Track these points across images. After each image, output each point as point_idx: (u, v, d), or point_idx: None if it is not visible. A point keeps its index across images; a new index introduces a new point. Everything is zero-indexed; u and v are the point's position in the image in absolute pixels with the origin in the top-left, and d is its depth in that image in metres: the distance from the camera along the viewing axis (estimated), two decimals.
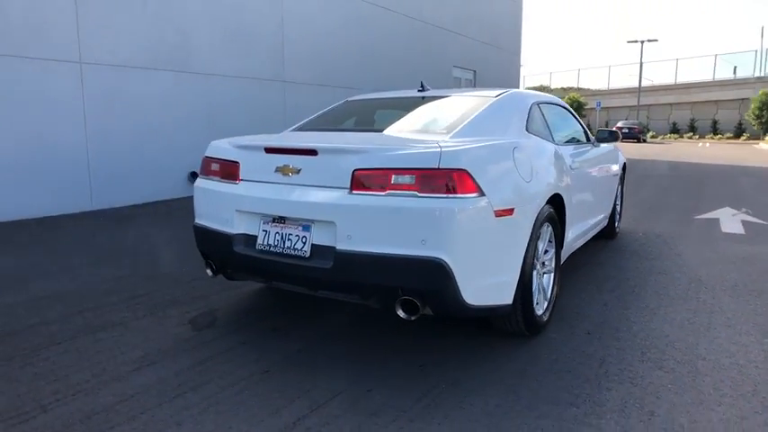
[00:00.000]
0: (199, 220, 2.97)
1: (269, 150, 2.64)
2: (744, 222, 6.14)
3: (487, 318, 2.73)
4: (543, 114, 3.47)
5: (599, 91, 40.69)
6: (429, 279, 2.23)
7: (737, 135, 35.70)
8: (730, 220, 6.27)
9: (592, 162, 3.97)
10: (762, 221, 6.20)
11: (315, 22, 10.15)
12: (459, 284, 2.24)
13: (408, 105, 3.46)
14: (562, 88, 43.24)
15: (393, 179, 2.28)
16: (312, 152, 2.49)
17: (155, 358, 2.60)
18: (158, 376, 2.40)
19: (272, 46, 9.32)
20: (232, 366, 2.51)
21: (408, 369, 2.47)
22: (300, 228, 2.49)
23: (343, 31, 10.90)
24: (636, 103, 38.24)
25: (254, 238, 2.64)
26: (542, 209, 2.71)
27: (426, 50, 13.65)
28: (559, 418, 2.03)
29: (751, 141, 32.22)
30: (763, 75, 35.56)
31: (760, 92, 33.79)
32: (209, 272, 2.99)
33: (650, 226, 5.93)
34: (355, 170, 2.37)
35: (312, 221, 2.47)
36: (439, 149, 2.27)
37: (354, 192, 2.36)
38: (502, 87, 3.62)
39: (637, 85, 38.19)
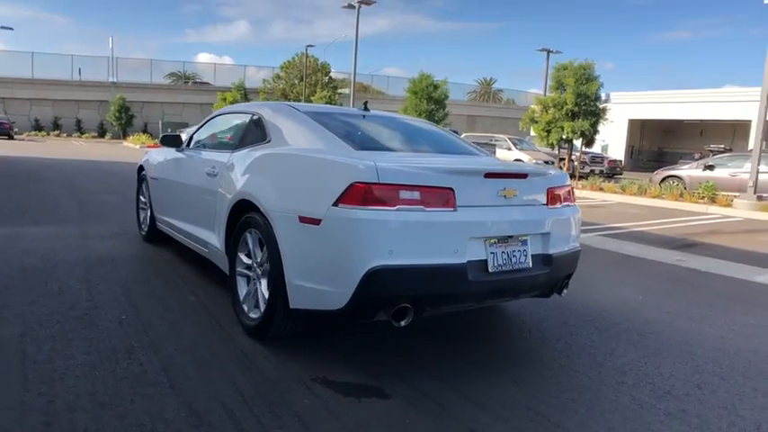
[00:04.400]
0: (384, 261, 2.43)
1: (489, 175, 2.72)
2: None
3: None
4: None
5: None
6: (576, 264, 3.25)
7: (101, 134, 37.96)
8: None
9: None
10: None
11: None
12: None
13: (396, 125, 3.80)
14: None
15: (563, 194, 3.13)
16: (523, 175, 2.88)
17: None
18: None
19: None
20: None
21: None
22: (520, 243, 2.82)
23: None
24: None
25: (483, 262, 2.67)
26: None
27: None
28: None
29: (115, 141, 35.24)
30: (116, 80, 39.05)
31: (117, 96, 37.17)
32: (395, 321, 2.55)
33: None
34: (549, 188, 3.02)
35: (529, 236, 2.86)
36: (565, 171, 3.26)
37: (549, 206, 3.01)
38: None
39: None
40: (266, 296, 2.97)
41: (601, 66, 18.97)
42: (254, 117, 3.69)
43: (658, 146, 38.70)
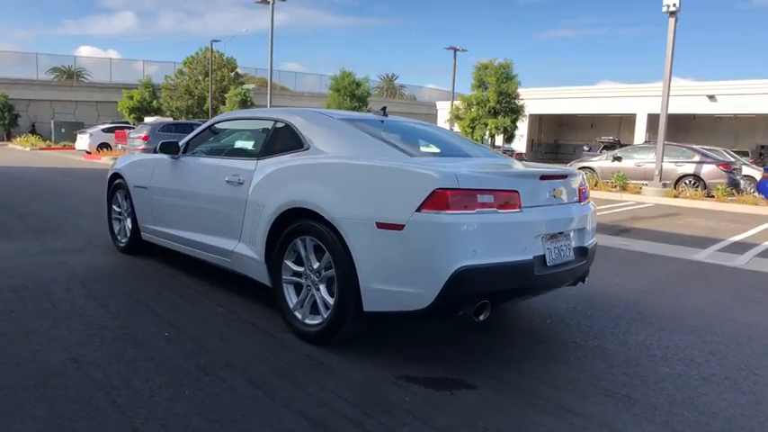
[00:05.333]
0: (469, 261, 2.59)
1: (543, 177, 2.96)
2: None
3: None
4: None
5: None
6: (595, 254, 3.59)
7: None
8: None
9: None
10: None
11: None
12: None
13: (421, 130, 3.94)
14: None
15: (587, 192, 3.47)
16: (564, 176, 3.16)
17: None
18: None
19: None
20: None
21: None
22: (565, 238, 3.09)
23: None
24: None
25: (542, 257, 2.90)
26: None
27: None
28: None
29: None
30: None
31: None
32: (479, 317, 2.73)
33: None
34: (579, 187, 3.32)
35: (571, 231, 3.13)
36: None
37: (581, 203, 3.31)
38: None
39: None
40: (329, 301, 3.02)
41: (478, 62, 21.42)
42: (280, 124, 3.67)
43: (554, 138, 41.64)
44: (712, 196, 12.42)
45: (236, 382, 2.61)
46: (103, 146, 23.28)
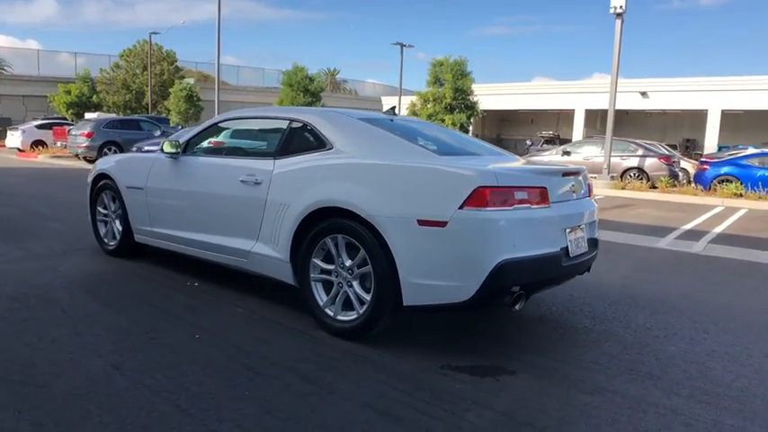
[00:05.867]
0: (510, 254, 2.75)
1: (565, 174, 3.15)
2: None
3: None
4: None
5: None
6: None
7: None
8: None
9: None
10: None
11: None
12: None
13: (433, 129, 4.02)
14: None
15: (592, 187, 3.69)
16: (579, 173, 3.36)
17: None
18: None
19: None
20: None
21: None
22: (581, 231, 3.31)
23: None
24: None
25: (566, 249, 3.09)
26: None
27: None
28: None
29: None
30: None
31: None
32: (515, 306, 2.88)
33: None
34: (588, 183, 3.53)
35: (585, 224, 3.35)
36: None
37: (591, 198, 3.53)
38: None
39: None
40: (364, 297, 3.10)
41: (433, 59, 21.78)
42: (296, 124, 3.69)
43: (497, 133, 42.81)
44: (656, 187, 13.28)
45: (289, 380, 2.65)
46: (38, 143, 21.96)
